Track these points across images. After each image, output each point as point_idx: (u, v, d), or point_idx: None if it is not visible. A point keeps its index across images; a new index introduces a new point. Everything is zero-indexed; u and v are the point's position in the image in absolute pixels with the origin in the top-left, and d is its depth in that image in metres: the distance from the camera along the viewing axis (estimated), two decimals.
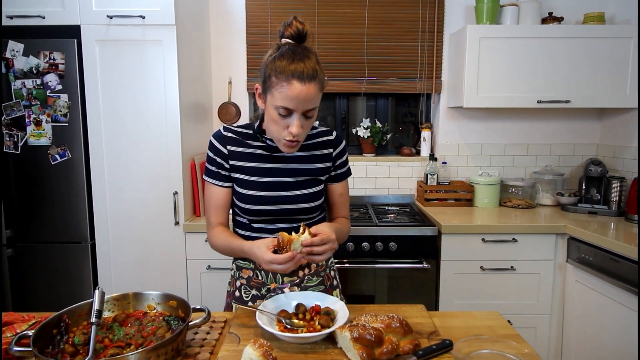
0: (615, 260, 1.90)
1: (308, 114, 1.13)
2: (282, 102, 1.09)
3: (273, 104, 1.11)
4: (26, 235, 2.23)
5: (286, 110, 1.10)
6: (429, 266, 2.21)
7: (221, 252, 1.29)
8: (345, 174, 1.36)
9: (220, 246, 1.28)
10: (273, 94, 1.10)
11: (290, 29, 1.14)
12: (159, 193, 2.21)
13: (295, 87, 1.07)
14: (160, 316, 1.04)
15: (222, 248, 1.27)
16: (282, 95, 1.08)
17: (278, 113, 1.11)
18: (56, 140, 2.16)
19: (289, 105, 1.09)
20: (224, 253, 1.29)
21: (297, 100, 1.08)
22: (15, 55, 2.10)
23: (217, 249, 1.29)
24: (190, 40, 2.33)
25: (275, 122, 1.13)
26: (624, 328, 1.85)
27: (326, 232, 1.09)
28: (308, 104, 1.10)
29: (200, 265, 2.26)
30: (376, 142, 2.87)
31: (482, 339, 1.03)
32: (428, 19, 2.73)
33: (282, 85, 1.08)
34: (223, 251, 1.28)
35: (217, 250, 1.30)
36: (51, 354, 0.89)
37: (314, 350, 0.96)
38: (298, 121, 1.11)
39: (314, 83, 1.09)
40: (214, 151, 1.27)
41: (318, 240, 1.07)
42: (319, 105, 1.16)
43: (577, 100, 2.41)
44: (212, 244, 1.30)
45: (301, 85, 1.07)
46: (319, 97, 1.13)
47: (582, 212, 2.45)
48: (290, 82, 1.07)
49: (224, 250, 1.28)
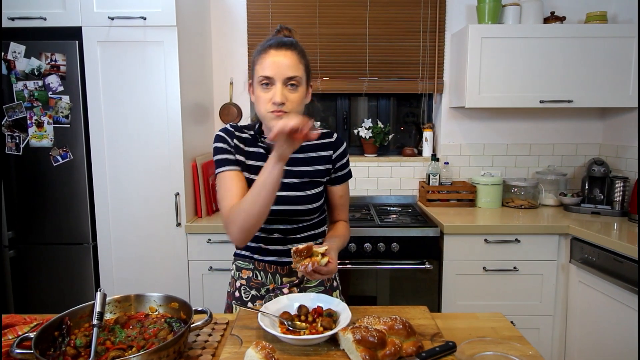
0: (618, 260, 1.89)
1: (291, 82, 1.14)
2: (261, 72, 1.13)
3: (257, 81, 1.15)
4: (28, 237, 2.23)
5: (266, 79, 1.13)
6: (431, 267, 2.21)
7: (249, 213, 1.11)
8: (345, 176, 1.35)
9: (246, 204, 1.11)
10: (256, 71, 1.15)
11: (279, 35, 1.24)
12: (161, 194, 2.21)
13: (271, 54, 1.13)
14: (162, 318, 1.04)
15: (250, 202, 1.11)
16: (262, 67, 1.14)
17: (261, 87, 1.14)
18: (58, 141, 2.16)
19: (266, 72, 1.12)
20: (253, 210, 1.10)
21: (275, 67, 1.12)
22: (16, 56, 2.10)
23: (243, 213, 1.11)
24: (191, 41, 2.33)
25: (262, 100, 1.15)
26: (628, 329, 1.84)
27: (333, 267, 1.10)
28: (287, 70, 1.12)
29: (202, 267, 2.26)
30: (378, 142, 2.86)
31: (486, 341, 1.02)
32: (430, 19, 2.72)
33: (261, 58, 1.15)
34: (251, 205, 1.10)
35: (243, 222, 1.12)
36: (53, 356, 0.88)
37: (317, 352, 0.95)
38: (280, 89, 1.13)
39: (291, 50, 1.14)
40: (222, 141, 1.25)
41: (325, 270, 1.08)
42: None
43: (580, 100, 2.40)
44: (237, 216, 1.12)
45: (277, 52, 1.13)
46: (299, 67, 1.15)
47: (585, 212, 2.44)
48: (267, 52, 1.14)
49: (252, 202, 1.10)
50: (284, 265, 1.28)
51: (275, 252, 1.28)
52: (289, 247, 1.28)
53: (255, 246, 1.29)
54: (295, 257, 1.06)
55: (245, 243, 1.20)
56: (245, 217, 1.12)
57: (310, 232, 1.31)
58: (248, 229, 1.14)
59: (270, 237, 1.27)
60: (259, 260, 1.29)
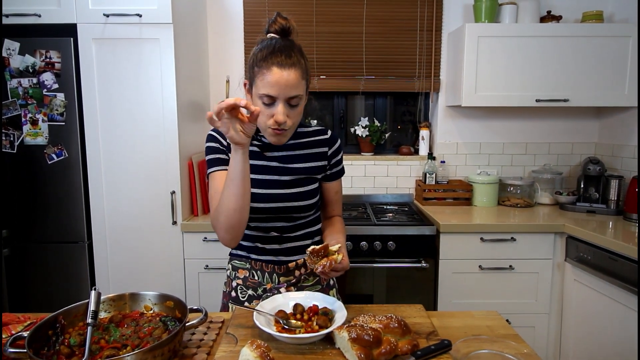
0: (613, 259, 1.89)
1: (292, 102, 1.13)
2: (264, 89, 1.10)
3: (257, 93, 1.12)
4: (22, 235, 2.22)
5: (269, 98, 1.11)
6: (427, 265, 2.21)
7: (228, 210, 1.09)
8: (340, 172, 1.36)
9: (223, 202, 1.09)
10: (256, 84, 1.12)
11: (274, 25, 1.18)
12: (157, 192, 2.20)
13: (275, 73, 1.09)
14: (157, 317, 1.03)
15: (225, 199, 1.09)
16: (264, 83, 1.10)
17: (262, 102, 1.12)
18: (52, 139, 2.15)
19: (270, 92, 1.10)
20: (229, 206, 1.08)
21: (278, 87, 1.09)
22: (11, 53, 2.09)
23: (223, 211, 1.10)
24: (187, 39, 2.32)
25: (261, 113, 1.13)
26: (623, 327, 1.85)
27: (346, 263, 1.13)
28: (290, 90, 1.10)
29: (198, 265, 2.25)
30: (374, 141, 2.86)
31: (481, 339, 1.02)
32: (426, 18, 2.72)
33: (263, 73, 1.10)
34: (227, 201, 1.08)
35: (225, 220, 1.10)
36: (46, 355, 0.88)
37: (312, 351, 0.95)
38: (282, 109, 1.11)
39: (295, 69, 1.10)
40: (214, 141, 1.24)
41: (340, 267, 1.10)
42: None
43: (576, 99, 2.41)
44: (218, 216, 1.11)
45: (281, 71, 1.09)
46: (302, 85, 1.13)
47: (581, 211, 2.45)
48: (270, 69, 1.09)
49: (227, 198, 1.08)
50: (281, 265, 1.27)
51: (272, 252, 1.27)
52: (285, 246, 1.28)
53: (251, 246, 1.29)
54: (312, 258, 1.07)
55: (235, 243, 1.17)
56: (225, 215, 1.10)
57: (307, 230, 1.31)
58: (232, 226, 1.11)
59: (266, 235, 1.27)
60: (256, 259, 1.29)
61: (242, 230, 1.14)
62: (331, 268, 1.07)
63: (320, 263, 1.07)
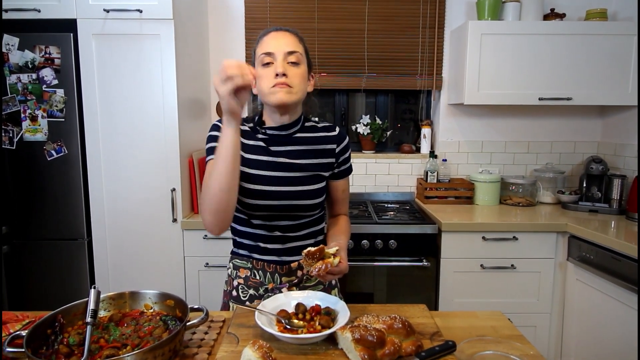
0: (616, 258, 1.88)
1: (291, 58, 1.15)
2: (262, 50, 1.15)
3: (258, 62, 1.16)
4: (22, 232, 2.20)
5: (268, 57, 1.14)
6: (428, 264, 2.20)
7: (214, 189, 1.04)
8: (347, 170, 1.35)
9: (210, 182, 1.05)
10: (257, 53, 1.17)
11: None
12: (157, 190, 2.18)
13: (271, 35, 1.17)
14: (157, 316, 1.02)
15: (214, 178, 1.04)
16: (262, 47, 1.16)
17: (262, 66, 1.15)
18: (52, 135, 2.13)
19: (268, 49, 1.14)
20: (216, 185, 1.04)
21: (275, 42, 1.15)
22: (10, 49, 2.07)
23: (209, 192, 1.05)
24: (188, 35, 2.30)
25: (263, 77, 1.15)
26: (625, 326, 1.84)
27: (344, 267, 1.12)
28: (287, 46, 1.15)
29: (199, 263, 2.24)
30: (376, 139, 2.85)
31: (486, 340, 1.01)
32: (429, 15, 2.70)
33: (262, 41, 1.17)
34: (215, 180, 1.03)
35: (210, 202, 1.06)
36: (45, 354, 0.87)
37: (314, 351, 0.94)
38: (281, 62, 1.13)
39: (291, 33, 1.18)
40: (219, 130, 1.15)
41: (337, 271, 1.09)
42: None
43: (579, 97, 2.39)
44: (204, 197, 1.07)
45: (277, 32, 1.17)
46: (299, 45, 1.18)
47: (583, 210, 2.44)
48: (267, 34, 1.18)
49: (216, 178, 1.03)
50: (284, 265, 1.26)
51: (275, 251, 1.26)
52: (288, 246, 1.26)
53: (253, 245, 1.27)
54: (308, 260, 1.05)
55: (220, 230, 1.10)
56: (211, 195, 1.04)
57: (311, 229, 1.29)
58: (217, 210, 1.06)
59: (269, 234, 1.25)
60: (258, 259, 1.27)
61: (228, 217, 1.09)
62: (327, 271, 1.05)
63: (316, 266, 1.04)
